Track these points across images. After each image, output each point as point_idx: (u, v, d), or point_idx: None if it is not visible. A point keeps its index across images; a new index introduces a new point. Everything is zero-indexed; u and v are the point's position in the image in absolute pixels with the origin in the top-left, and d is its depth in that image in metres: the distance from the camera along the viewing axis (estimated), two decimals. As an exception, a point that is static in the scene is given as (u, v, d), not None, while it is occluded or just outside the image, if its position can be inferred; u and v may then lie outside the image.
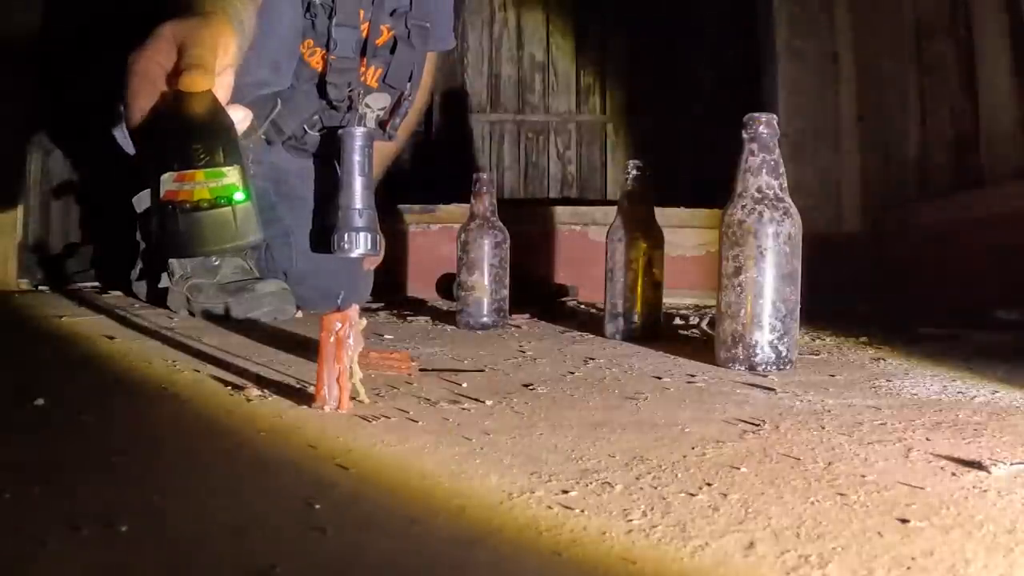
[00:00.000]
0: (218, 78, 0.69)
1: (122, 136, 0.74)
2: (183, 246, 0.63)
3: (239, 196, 0.63)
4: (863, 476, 0.52)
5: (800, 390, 0.83)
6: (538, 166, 3.41)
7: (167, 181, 0.62)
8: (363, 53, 1.42)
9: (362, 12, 1.40)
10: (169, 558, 0.38)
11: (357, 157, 1.34)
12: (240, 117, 0.70)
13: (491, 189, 1.36)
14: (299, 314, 1.40)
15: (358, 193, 1.35)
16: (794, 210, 0.95)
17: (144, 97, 0.67)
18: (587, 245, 2.05)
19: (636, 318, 1.23)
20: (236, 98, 0.72)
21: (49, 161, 2.14)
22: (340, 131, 1.37)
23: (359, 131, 1.35)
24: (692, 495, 0.48)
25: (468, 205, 1.36)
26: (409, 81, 1.49)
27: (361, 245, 1.36)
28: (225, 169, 0.63)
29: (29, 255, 2.01)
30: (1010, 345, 1.14)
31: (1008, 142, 1.61)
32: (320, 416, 0.67)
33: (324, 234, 1.40)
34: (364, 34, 1.42)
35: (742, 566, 0.38)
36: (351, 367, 0.69)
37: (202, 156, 0.63)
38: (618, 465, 0.54)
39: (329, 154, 1.44)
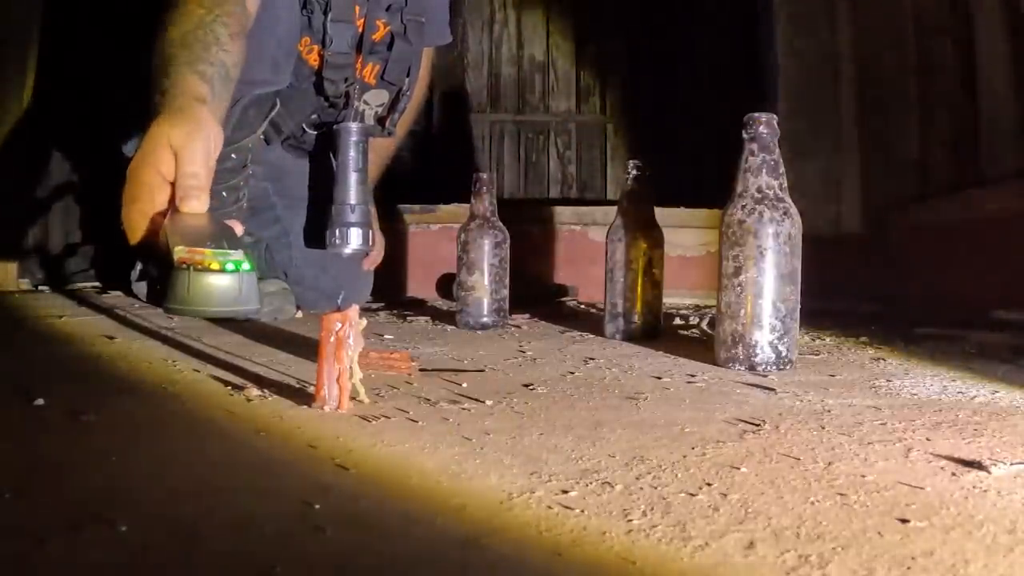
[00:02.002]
0: None
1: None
2: (189, 303, 0.67)
3: (246, 266, 0.68)
4: (863, 476, 0.52)
5: (800, 390, 0.83)
6: (538, 166, 3.41)
7: (180, 252, 0.67)
8: (359, 49, 1.42)
9: (358, 8, 1.41)
10: (169, 558, 0.38)
11: (352, 152, 1.34)
12: (237, 230, 0.79)
13: (491, 189, 1.36)
14: (299, 314, 1.40)
15: (352, 189, 1.34)
16: (794, 210, 0.95)
17: (142, 203, 0.75)
18: (587, 245, 2.05)
19: (636, 318, 1.23)
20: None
21: (49, 161, 2.14)
22: (335, 126, 1.37)
23: (354, 126, 1.35)
24: (692, 495, 0.48)
25: (468, 205, 1.36)
26: (407, 77, 1.49)
27: (353, 241, 1.35)
28: (230, 251, 0.69)
29: (29, 255, 2.01)
30: (1010, 345, 1.14)
31: (1008, 142, 1.61)
32: (320, 416, 0.67)
33: (318, 230, 1.40)
34: (360, 30, 1.42)
35: (742, 566, 0.38)
36: (351, 367, 0.69)
37: (209, 244, 0.68)
38: (618, 465, 0.54)
39: (325, 150, 1.44)
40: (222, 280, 0.67)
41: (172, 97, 0.83)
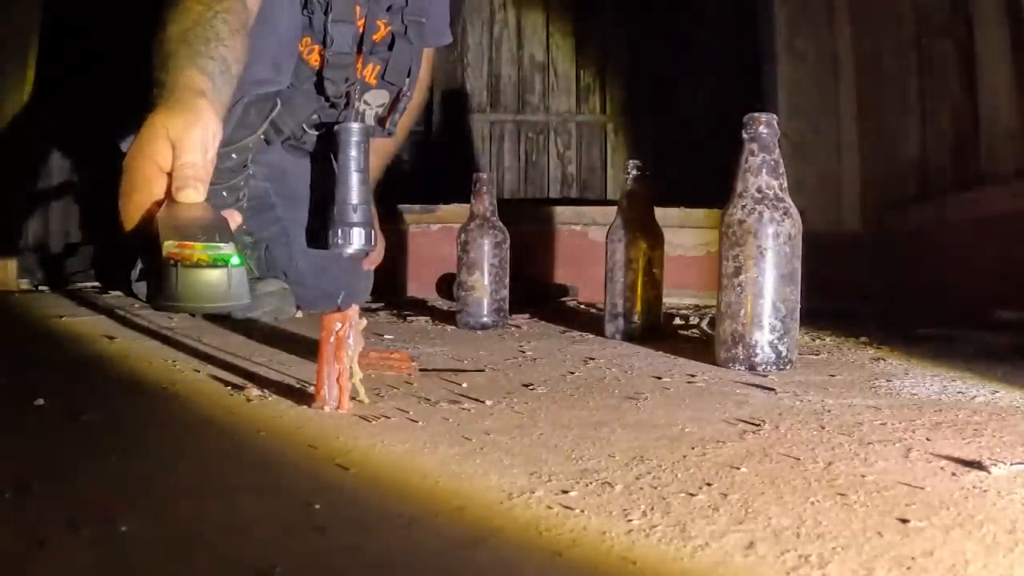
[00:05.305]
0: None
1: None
2: (178, 300, 0.66)
3: (235, 260, 0.67)
4: (863, 476, 0.52)
5: (800, 390, 0.83)
6: (538, 166, 3.41)
7: (169, 247, 0.66)
8: (360, 49, 1.42)
9: (358, 8, 1.41)
10: (169, 558, 0.38)
11: (353, 152, 1.34)
12: (234, 220, 0.78)
13: (491, 189, 1.36)
14: (299, 314, 1.40)
15: (353, 188, 1.34)
16: (794, 210, 0.95)
17: (138, 194, 0.74)
18: (587, 245, 2.05)
19: (636, 318, 1.23)
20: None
21: (49, 161, 2.14)
22: (336, 126, 1.37)
23: (355, 126, 1.35)
24: (692, 495, 0.48)
25: (468, 205, 1.36)
26: (408, 77, 1.50)
27: (355, 241, 1.35)
28: (221, 244, 0.68)
29: (29, 255, 2.01)
30: (1010, 345, 1.14)
31: (1008, 142, 1.61)
32: (320, 416, 0.67)
33: (319, 230, 1.40)
34: (360, 30, 1.42)
35: (742, 566, 0.38)
36: (351, 367, 0.69)
37: (201, 237, 0.67)
38: (618, 465, 0.54)
39: (325, 150, 1.44)
40: (210, 275, 0.66)
41: (170, 91, 0.82)
